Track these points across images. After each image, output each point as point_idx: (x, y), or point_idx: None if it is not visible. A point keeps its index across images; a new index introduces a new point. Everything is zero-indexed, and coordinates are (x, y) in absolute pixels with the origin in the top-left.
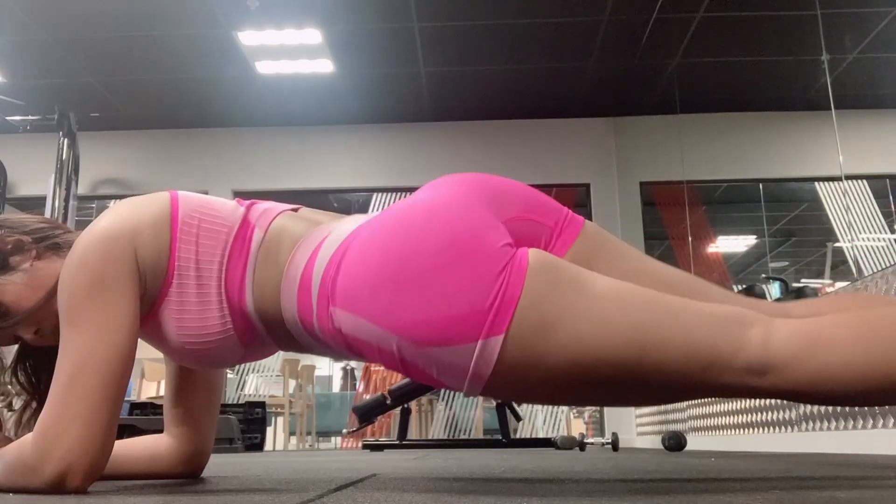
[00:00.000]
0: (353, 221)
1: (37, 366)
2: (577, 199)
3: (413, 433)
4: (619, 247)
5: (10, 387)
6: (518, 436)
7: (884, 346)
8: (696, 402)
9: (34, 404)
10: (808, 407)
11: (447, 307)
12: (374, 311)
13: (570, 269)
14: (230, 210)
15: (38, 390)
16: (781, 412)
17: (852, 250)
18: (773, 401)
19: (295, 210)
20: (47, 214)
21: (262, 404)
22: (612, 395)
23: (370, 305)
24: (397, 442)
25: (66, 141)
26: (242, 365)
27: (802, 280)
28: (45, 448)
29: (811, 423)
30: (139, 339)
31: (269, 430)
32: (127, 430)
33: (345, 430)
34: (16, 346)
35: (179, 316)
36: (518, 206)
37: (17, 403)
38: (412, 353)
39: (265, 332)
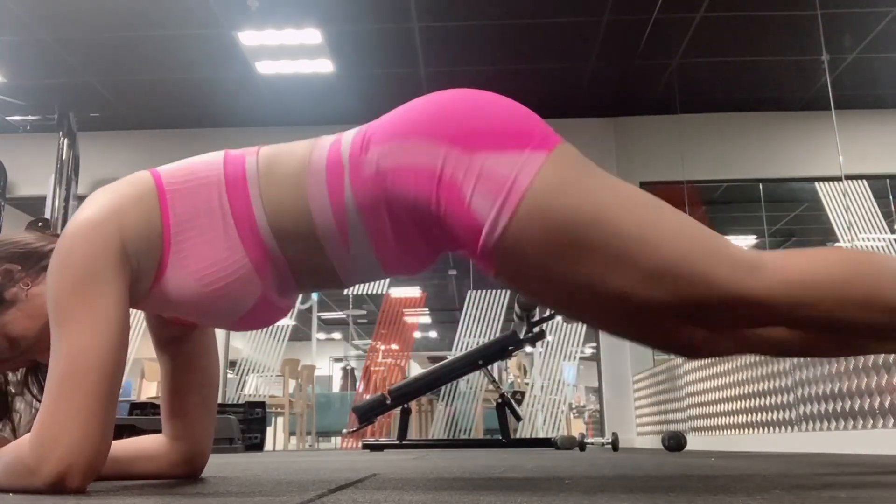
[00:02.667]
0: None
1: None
2: None
3: (413, 433)
4: None
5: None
6: (518, 436)
7: (861, 268)
8: (696, 402)
9: None
10: (808, 407)
11: (507, 122)
12: (428, 129)
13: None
14: (210, 157)
15: None
16: (781, 412)
17: None
18: (773, 401)
19: None
20: (47, 214)
21: (262, 404)
22: (614, 275)
23: (423, 127)
24: (397, 442)
25: (66, 141)
26: (243, 365)
27: None
28: (43, 450)
29: (811, 423)
30: (138, 339)
31: (269, 430)
32: (127, 430)
33: (345, 430)
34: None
35: (191, 265)
36: None
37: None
38: (456, 165)
39: (280, 252)
